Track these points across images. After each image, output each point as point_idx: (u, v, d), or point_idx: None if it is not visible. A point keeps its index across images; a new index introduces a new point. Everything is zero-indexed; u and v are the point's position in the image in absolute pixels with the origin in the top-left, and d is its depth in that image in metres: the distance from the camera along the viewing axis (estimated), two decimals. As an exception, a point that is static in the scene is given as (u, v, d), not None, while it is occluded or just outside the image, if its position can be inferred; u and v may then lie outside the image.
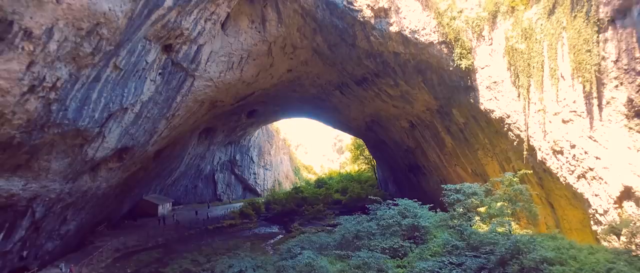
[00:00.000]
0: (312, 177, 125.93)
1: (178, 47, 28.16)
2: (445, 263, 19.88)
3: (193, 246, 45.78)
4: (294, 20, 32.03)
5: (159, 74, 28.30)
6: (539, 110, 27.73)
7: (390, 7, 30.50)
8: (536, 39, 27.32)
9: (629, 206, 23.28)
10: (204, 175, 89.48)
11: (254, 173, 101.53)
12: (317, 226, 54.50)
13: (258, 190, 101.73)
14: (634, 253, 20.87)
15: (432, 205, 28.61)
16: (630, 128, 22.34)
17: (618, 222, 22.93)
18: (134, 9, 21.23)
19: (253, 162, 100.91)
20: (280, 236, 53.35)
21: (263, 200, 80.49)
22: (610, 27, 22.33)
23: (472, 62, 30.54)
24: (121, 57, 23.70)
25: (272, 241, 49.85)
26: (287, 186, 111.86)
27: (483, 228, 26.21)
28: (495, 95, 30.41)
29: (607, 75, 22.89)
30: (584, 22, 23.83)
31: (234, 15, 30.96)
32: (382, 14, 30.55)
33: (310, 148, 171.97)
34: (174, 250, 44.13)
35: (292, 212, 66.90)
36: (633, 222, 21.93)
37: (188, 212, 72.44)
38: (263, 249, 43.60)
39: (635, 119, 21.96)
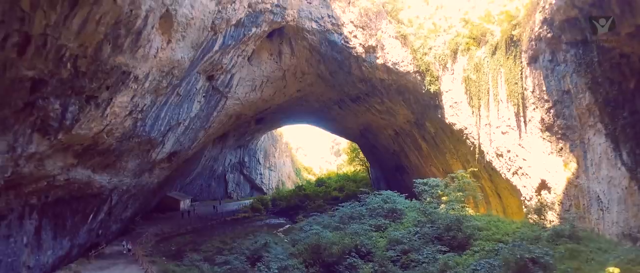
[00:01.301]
0: (312, 178, 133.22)
1: (217, 76, 36.49)
2: (412, 232, 28.24)
3: (217, 232, 53.81)
4: (303, 54, 40.39)
5: (203, 96, 36.60)
6: (486, 124, 36.21)
7: (377, 45, 38.98)
8: (484, 71, 35.80)
9: (544, 193, 31.78)
10: (216, 175, 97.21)
11: (260, 174, 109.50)
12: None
13: (264, 189, 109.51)
14: (542, 225, 29.36)
15: (407, 194, 37.08)
16: (544, 138, 30.88)
17: (536, 205, 31.46)
18: (195, 55, 29.59)
19: (259, 163, 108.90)
20: (288, 225, 61.28)
21: (270, 197, 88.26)
22: (528, 68, 30.87)
23: (439, 87, 39.02)
24: (182, 86, 32.02)
25: (281, 229, 57.93)
26: (289, 185, 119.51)
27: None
28: (456, 112, 38.88)
29: (528, 101, 31.47)
30: (513, 62, 32.40)
31: (257, 50, 39.36)
32: (371, 50, 39.04)
33: (310, 151, 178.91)
34: (202, 235, 52.13)
35: (296, 206, 73.95)
36: (543, 205, 30.50)
37: (205, 207, 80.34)
38: (275, 234, 51.71)
39: (547, 132, 30.49)
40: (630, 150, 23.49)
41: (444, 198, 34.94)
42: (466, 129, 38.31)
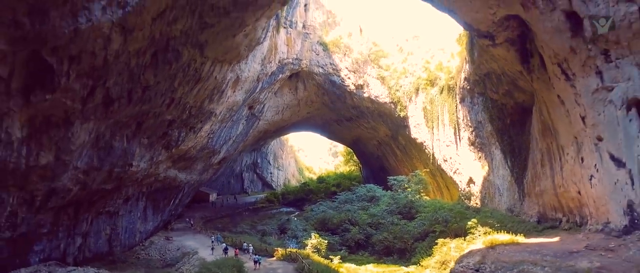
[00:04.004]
0: (313, 176, 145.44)
1: (255, 106, 50.39)
2: (383, 209, 42.12)
3: (245, 217, 67.43)
4: (313, 89, 54.37)
5: (245, 120, 50.47)
6: (437, 139, 50.18)
7: (364, 84, 52.98)
8: (435, 104, 49.77)
9: (472, 186, 45.65)
10: (235, 174, 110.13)
11: (270, 173, 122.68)
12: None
13: (273, 185, 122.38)
14: (466, 205, 43.25)
15: (383, 186, 51.05)
16: (470, 150, 44.73)
17: (465, 193, 45.39)
18: (246, 96, 43.48)
19: (270, 164, 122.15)
20: (297, 213, 74.98)
21: (280, 192, 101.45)
22: (460, 104, 44.85)
23: (406, 113, 53.00)
24: (235, 115, 45.91)
25: (293, 215, 71.67)
26: (293, 183, 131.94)
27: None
28: (419, 130, 52.87)
29: (461, 126, 45.38)
30: (452, 100, 46.34)
31: (281, 87, 53.28)
32: (359, 87, 52.99)
33: (310, 153, 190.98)
34: (235, 218, 65.44)
35: (302, 199, 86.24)
36: (470, 193, 44.38)
37: (227, 200, 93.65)
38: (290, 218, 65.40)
39: (472, 146, 44.32)
40: (510, 159, 37.49)
41: (408, 189, 48.94)
42: (425, 142, 52.27)
